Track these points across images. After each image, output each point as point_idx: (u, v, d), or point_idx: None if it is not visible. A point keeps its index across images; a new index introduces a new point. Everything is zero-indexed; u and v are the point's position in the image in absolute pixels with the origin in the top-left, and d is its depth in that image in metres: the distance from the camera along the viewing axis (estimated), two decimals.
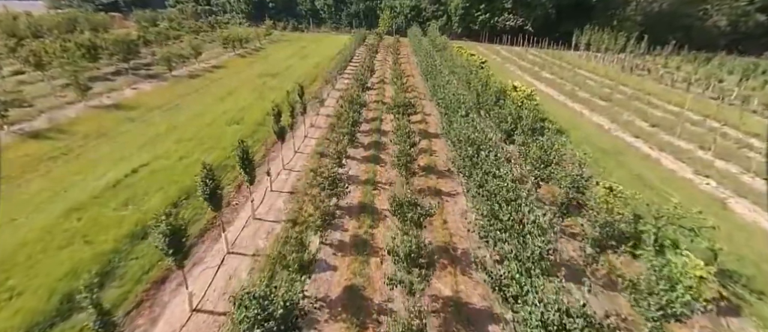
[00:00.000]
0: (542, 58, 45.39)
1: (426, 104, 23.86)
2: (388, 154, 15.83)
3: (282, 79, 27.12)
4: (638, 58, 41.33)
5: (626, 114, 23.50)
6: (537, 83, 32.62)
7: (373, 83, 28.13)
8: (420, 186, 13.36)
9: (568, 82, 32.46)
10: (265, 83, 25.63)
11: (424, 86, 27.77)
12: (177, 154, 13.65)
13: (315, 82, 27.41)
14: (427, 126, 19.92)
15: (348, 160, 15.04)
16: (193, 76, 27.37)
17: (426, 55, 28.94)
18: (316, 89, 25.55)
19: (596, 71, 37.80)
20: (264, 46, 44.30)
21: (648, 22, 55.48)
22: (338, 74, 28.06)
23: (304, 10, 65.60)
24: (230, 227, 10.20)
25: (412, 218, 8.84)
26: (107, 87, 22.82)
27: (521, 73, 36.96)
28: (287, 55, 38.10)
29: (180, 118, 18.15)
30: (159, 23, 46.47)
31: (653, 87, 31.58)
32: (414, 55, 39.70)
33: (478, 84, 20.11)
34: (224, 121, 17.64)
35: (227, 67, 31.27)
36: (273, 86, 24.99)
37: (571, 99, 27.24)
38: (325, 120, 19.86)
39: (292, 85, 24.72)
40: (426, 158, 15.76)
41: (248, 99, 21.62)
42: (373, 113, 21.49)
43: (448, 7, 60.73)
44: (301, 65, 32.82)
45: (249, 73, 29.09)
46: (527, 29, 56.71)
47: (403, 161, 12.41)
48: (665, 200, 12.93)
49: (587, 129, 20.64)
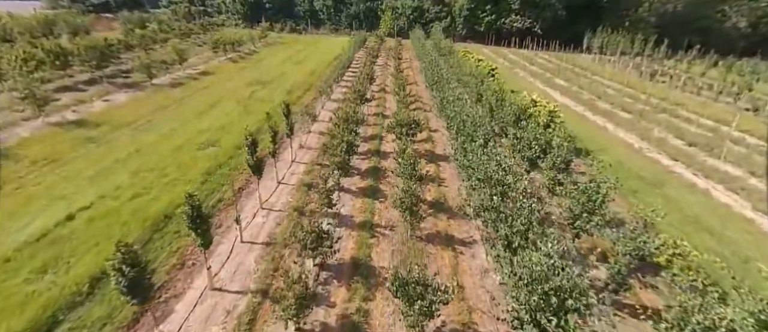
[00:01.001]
0: (553, 63, 42.83)
1: (431, 116, 21.38)
2: (388, 184, 13.36)
3: (273, 88, 24.66)
4: (656, 62, 38.73)
5: (657, 130, 20.95)
6: (550, 91, 30.09)
7: (373, 92, 25.68)
8: (427, 230, 10.89)
9: (584, 90, 29.90)
10: (253, 93, 23.18)
11: (428, 95, 25.29)
12: (130, 191, 11.18)
13: (309, 91, 24.93)
14: (434, 146, 17.43)
15: (341, 193, 12.58)
16: (176, 85, 24.94)
17: (430, 62, 26.46)
18: (309, 100, 23.09)
19: (614, 78, 35.20)
20: (258, 50, 41.87)
21: (662, 24, 52.84)
22: (335, 83, 25.60)
23: (303, 11, 63.17)
24: (178, 304, 7.71)
25: (422, 309, 6.38)
26: (75, 99, 20.39)
27: (532, 79, 34.42)
28: (282, 60, 35.65)
29: (148, 138, 15.70)
30: (148, 25, 44.08)
31: (678, 96, 28.99)
32: (417, 59, 37.22)
33: (492, 98, 17.62)
34: (198, 143, 15.17)
35: (215, 74, 28.84)
36: (261, 96, 22.52)
37: (591, 111, 24.69)
38: (317, 139, 17.39)
39: (283, 94, 22.37)
40: (433, 189, 13.27)
41: (231, 114, 19.16)
42: (373, 129, 19.02)
43: (452, 8, 58.24)
44: (295, 72, 30.35)
45: (238, 81, 26.64)
46: (535, 31, 54.14)
47: (407, 204, 9.95)
48: (733, 253, 10.42)
49: (617, 150, 18.09)
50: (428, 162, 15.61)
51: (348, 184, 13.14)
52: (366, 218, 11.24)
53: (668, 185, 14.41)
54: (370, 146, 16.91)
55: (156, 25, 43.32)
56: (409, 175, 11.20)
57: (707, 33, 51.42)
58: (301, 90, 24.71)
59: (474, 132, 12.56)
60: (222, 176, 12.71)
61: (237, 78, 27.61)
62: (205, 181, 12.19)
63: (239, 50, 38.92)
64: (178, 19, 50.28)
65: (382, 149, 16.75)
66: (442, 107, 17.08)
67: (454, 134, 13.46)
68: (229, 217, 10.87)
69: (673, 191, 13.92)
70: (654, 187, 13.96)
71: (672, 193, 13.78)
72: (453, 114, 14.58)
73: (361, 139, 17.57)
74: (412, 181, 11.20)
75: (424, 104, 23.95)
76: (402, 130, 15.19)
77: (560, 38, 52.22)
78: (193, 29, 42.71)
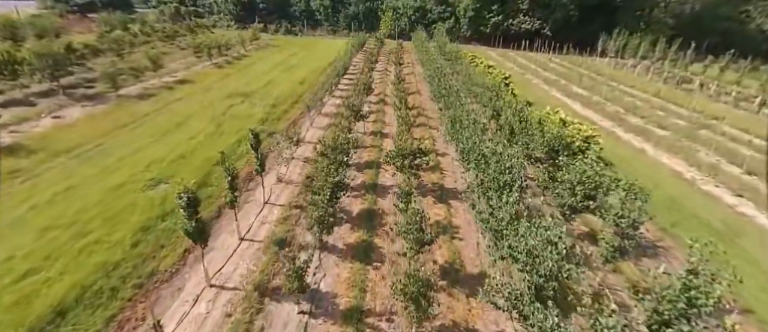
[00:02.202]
0: (567, 67, 39.63)
1: (437, 135, 18.25)
2: (386, 239, 10.24)
3: (255, 101, 21.49)
4: (679, 67, 35.50)
5: (704, 152, 17.79)
6: (569, 101, 26.91)
7: (371, 104, 22.55)
8: (440, 321, 7.77)
9: (607, 100, 26.71)
10: (230, 107, 20.03)
11: (432, 106, 22.17)
12: (23, 265, 8.04)
13: (296, 105, 21.77)
14: (443, 176, 14.29)
15: (324, 254, 9.47)
16: (146, 96, 21.83)
17: (436, 70, 23.30)
18: (295, 116, 19.94)
19: (637, 85, 31.96)
20: (248, 53, 38.77)
21: (680, 25, 49.55)
22: (328, 94, 22.49)
23: (299, 12, 60.03)
24: None
25: None
26: (19, 116, 17.32)
27: (547, 87, 31.24)
28: (272, 66, 32.52)
29: (86, 171, 12.59)
30: (130, 26, 41.02)
31: (715, 108, 25.78)
32: (420, 64, 34.06)
33: (512, 117, 14.48)
34: (146, 180, 12.04)
35: (194, 83, 25.73)
36: (239, 112, 19.37)
37: (621, 127, 21.49)
38: (301, 168, 14.27)
39: (265, 110, 19.20)
40: (445, 245, 10.14)
41: (199, 136, 16.02)
42: (370, 153, 15.89)
43: (456, 9, 55.00)
44: (284, 81, 27.21)
45: (218, 91, 23.51)
46: (545, 32, 50.88)
47: (412, 292, 6.82)
48: None
49: (666, 182, 14.92)
50: (436, 201, 12.49)
51: (334, 238, 10.01)
52: (354, 302, 8.10)
53: (746, 237, 11.24)
54: (366, 178, 13.78)
55: (138, 26, 40.28)
56: (413, 241, 8.09)
57: (729, 35, 48.09)
58: (287, 103, 21.56)
59: (499, 175, 9.40)
60: (165, 232, 9.57)
61: (217, 88, 24.49)
62: (138, 242, 9.05)
63: (227, 54, 35.83)
64: (165, 20, 47.17)
65: (380, 181, 13.62)
66: (454, 131, 13.94)
67: (474, 178, 10.27)
68: (162, 299, 7.75)
69: (755, 248, 10.74)
70: (730, 242, 10.77)
71: (754, 249, 10.60)
72: (469, 145, 11.42)
73: (355, 167, 14.48)
74: (419, 248, 8.10)
75: (429, 118, 20.81)
76: (403, 163, 12.07)
77: (571, 40, 48.96)
78: (178, 31, 39.58)
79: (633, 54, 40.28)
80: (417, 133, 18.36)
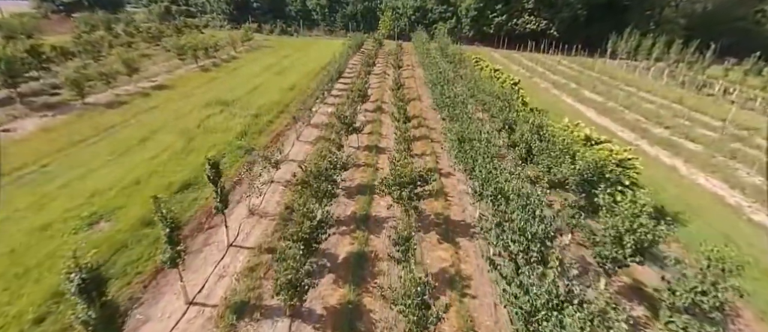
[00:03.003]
0: (576, 70, 37.43)
1: (440, 150, 16.05)
2: (378, 300, 8.03)
3: (236, 110, 19.23)
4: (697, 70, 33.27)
5: (743, 169, 15.61)
6: (582, 108, 24.71)
7: (366, 113, 20.37)
8: None
9: (624, 107, 24.50)
10: (207, 118, 17.82)
11: (435, 116, 19.98)
12: None
13: (282, 115, 19.55)
14: (448, 204, 12.09)
15: (296, 325, 7.28)
16: (116, 105, 19.64)
17: (438, 75, 21.10)
18: (280, 128, 17.72)
19: (653, 90, 29.75)
20: (239, 55, 36.58)
21: (692, 25, 47.31)
22: (319, 101, 20.31)
23: (294, 11, 57.78)
24: None
25: None
26: None
27: (557, 92, 29.04)
28: (261, 69, 30.30)
29: (19, 200, 10.39)
30: (114, 26, 38.84)
31: (743, 116, 23.56)
32: (420, 67, 31.85)
33: (530, 133, 12.28)
34: (83, 215, 9.82)
35: (174, 88, 23.53)
36: (216, 124, 17.14)
37: (644, 138, 19.30)
38: (280, 196, 12.07)
39: (245, 121, 16.81)
40: (454, 311, 7.91)
41: (164, 154, 13.81)
42: (363, 175, 13.68)
43: (458, 8, 52.75)
44: (273, 85, 25.00)
45: (197, 98, 21.30)
46: (551, 33, 48.67)
47: None
48: None
49: (708, 209, 12.71)
50: (441, 239, 10.30)
51: (311, 299, 7.82)
52: None
53: None
54: (356, 207, 11.57)
55: (122, 26, 38.09)
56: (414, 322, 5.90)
57: (744, 35, 45.84)
58: (272, 112, 19.34)
59: (525, 223, 7.19)
60: None
61: (198, 94, 22.28)
62: (45, 317, 6.82)
63: (215, 56, 33.64)
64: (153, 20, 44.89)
65: (373, 212, 11.43)
66: (461, 151, 11.74)
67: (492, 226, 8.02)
68: None
69: None
70: None
71: None
72: (482, 175, 9.21)
73: (344, 192, 12.29)
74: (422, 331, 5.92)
75: (430, 129, 18.60)
76: (402, 192, 9.88)
77: (578, 41, 46.76)
78: (164, 32, 37.32)
79: (646, 55, 38.02)
80: (417, 147, 16.18)
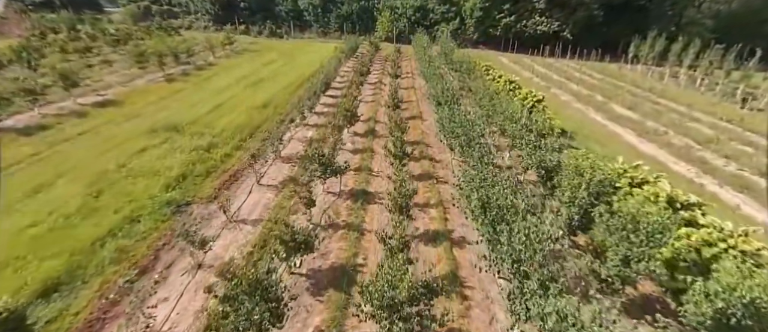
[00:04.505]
0: (596, 78, 33.26)
1: (448, 198, 11.86)
2: None
3: (185, 140, 14.95)
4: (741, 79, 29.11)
5: None
6: (618, 128, 20.53)
7: (355, 138, 16.22)
8: None
9: (666, 127, 20.34)
10: (140, 153, 13.58)
11: (439, 144, 15.80)
12: None
13: (244, 145, 15.34)
14: (467, 309, 7.91)
15: None
16: (35, 130, 15.47)
17: (444, 93, 16.91)
18: (236, 167, 13.47)
19: (694, 103, 25.58)
20: (217, 61, 32.42)
21: (720, 28, 43.17)
22: (294, 125, 16.18)
23: (285, 11, 53.61)
24: None
25: None
26: None
27: (581, 106, 24.87)
28: (236, 79, 26.12)
29: None
30: (80, 28, 34.71)
31: None
32: (421, 77, 27.67)
33: (588, 195, 8.15)
34: None
35: (122, 105, 19.38)
36: (147, 163, 12.88)
37: (708, 175, 15.11)
38: (205, 299, 7.88)
39: (191, 158, 12.27)
40: None
41: (51, 217, 9.61)
42: (341, 248, 9.47)
43: (462, 8, 48.58)
44: (242, 102, 20.78)
45: (143, 120, 17.11)
46: (564, 35, 44.51)
47: None
48: None
49: None
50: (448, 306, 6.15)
51: None
52: None
53: None
54: (326, 315, 7.40)
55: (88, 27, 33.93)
56: None
57: None
58: (232, 142, 15.09)
59: None
60: None
61: (146, 114, 18.08)
62: None
63: (189, 63, 29.51)
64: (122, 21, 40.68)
65: (360, 262, 7.27)
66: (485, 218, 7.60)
67: None
68: None
69: None
70: None
71: None
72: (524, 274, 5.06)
73: (308, 285, 8.13)
74: None
75: (434, 162, 14.37)
76: (393, 321, 5.75)
77: (593, 44, 42.58)
78: (131, 35, 33.12)
79: (677, 61, 33.86)
80: (420, 193, 11.96)
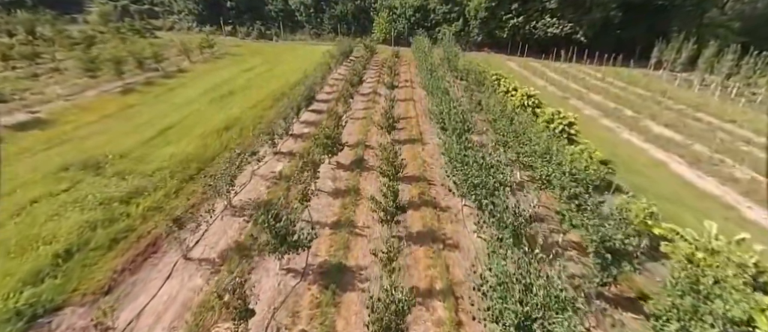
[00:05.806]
0: (618, 86, 29.58)
1: (460, 278, 8.13)
2: None
3: (93, 188, 11.24)
4: None
5: None
6: (662, 156, 16.84)
7: (339, 173, 12.47)
8: None
9: (721, 154, 16.66)
10: (26, 211, 9.85)
11: (443, 175, 12.02)
12: None
13: (183, 190, 11.61)
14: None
15: None
16: None
17: (450, 111, 13.19)
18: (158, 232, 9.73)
19: (737, 118, 21.90)
20: (192, 67, 28.77)
21: (749, 30, 39.52)
22: (260, 157, 12.50)
23: (275, 11, 49.91)
24: None
25: None
26: None
27: (610, 123, 21.19)
28: (204, 90, 22.40)
29: None
30: (40, 30, 30.99)
31: None
32: (421, 87, 23.96)
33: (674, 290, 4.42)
34: None
35: (51, 126, 15.68)
36: (16, 234, 9.18)
37: None
38: None
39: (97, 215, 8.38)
40: None
41: None
42: None
43: (466, 8, 44.83)
44: (201, 122, 16.96)
45: (66, 149, 13.42)
46: (577, 38, 40.82)
47: None
48: None
49: None
50: None
51: None
52: None
53: None
54: None
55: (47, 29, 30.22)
56: None
57: None
58: (165, 187, 11.30)
59: None
60: None
61: (74, 141, 14.33)
62: None
63: (158, 69, 25.86)
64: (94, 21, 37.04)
65: None
66: None
67: None
68: None
69: None
70: None
71: None
72: None
73: None
74: None
75: (441, 210, 10.60)
76: None
77: (608, 47, 38.95)
78: (95, 38, 29.38)
79: (708, 68, 30.19)
80: (420, 267, 8.21)
